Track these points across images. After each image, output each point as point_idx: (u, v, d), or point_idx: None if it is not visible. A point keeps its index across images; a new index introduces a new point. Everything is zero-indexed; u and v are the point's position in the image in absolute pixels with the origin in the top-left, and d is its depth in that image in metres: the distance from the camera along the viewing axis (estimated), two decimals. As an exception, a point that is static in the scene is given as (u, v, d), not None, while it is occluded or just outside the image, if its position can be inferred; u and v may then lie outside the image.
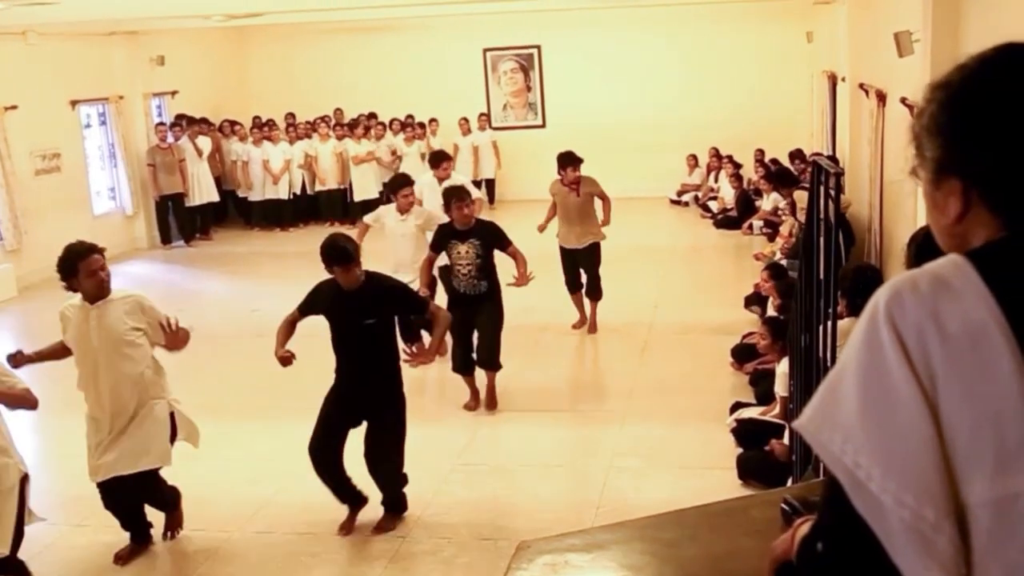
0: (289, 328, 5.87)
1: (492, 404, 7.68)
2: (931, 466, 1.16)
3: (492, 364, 7.60)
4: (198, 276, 13.54)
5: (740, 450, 6.35)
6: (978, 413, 1.16)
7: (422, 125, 16.97)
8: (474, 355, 7.64)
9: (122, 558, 5.57)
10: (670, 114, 17.00)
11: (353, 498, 5.81)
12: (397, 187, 8.58)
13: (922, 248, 3.73)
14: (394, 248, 8.50)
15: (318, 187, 16.66)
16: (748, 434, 6.42)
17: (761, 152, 15.61)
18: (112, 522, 5.67)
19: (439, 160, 9.38)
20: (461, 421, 7.37)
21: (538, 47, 17.83)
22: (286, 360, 5.70)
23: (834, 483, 1.23)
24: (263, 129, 16.85)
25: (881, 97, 8.66)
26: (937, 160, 1.29)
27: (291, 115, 17.48)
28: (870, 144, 9.23)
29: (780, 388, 6.37)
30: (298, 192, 16.73)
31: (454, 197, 7.33)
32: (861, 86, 10.00)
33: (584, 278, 9.36)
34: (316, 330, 6.09)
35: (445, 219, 7.65)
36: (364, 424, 5.73)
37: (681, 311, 10.15)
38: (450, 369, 7.76)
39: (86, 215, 14.51)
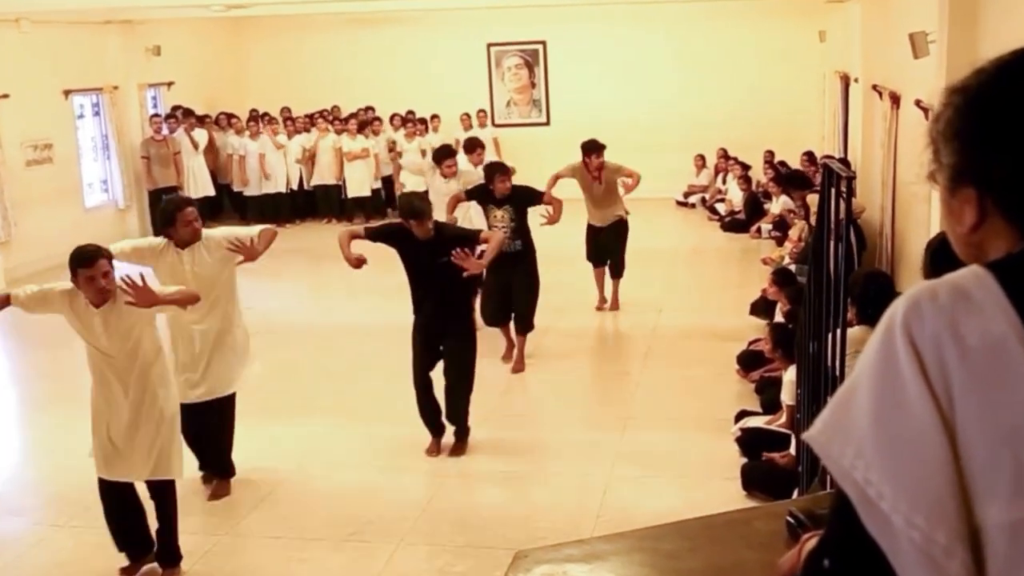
0: (349, 238, 6.72)
1: (519, 367, 8.56)
2: (945, 487, 1.14)
3: (525, 327, 8.61)
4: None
5: (744, 460, 6.34)
6: (996, 431, 1.14)
7: (423, 121, 16.97)
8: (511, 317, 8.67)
9: (213, 493, 6.28)
10: (677, 113, 17.01)
11: (438, 428, 6.90)
12: (442, 158, 9.70)
13: (937, 255, 3.71)
14: (437, 208, 9.08)
15: (316, 182, 16.67)
16: (753, 443, 6.41)
17: (771, 154, 15.60)
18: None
19: (472, 147, 10.42)
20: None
21: (543, 42, 17.84)
22: (360, 262, 6.52)
23: (843, 498, 1.22)
24: (260, 122, 16.85)
25: (895, 99, 8.66)
26: (953, 167, 1.28)
27: (286, 109, 17.46)
28: (883, 147, 9.23)
29: (787, 397, 6.36)
30: (295, 188, 16.75)
31: (497, 172, 8.47)
32: (874, 87, 10.00)
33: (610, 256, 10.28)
34: (313, 337, 6.07)
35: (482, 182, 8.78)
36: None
37: (686, 316, 10.14)
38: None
39: (77, 207, 14.52)
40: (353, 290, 11.94)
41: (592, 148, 9.91)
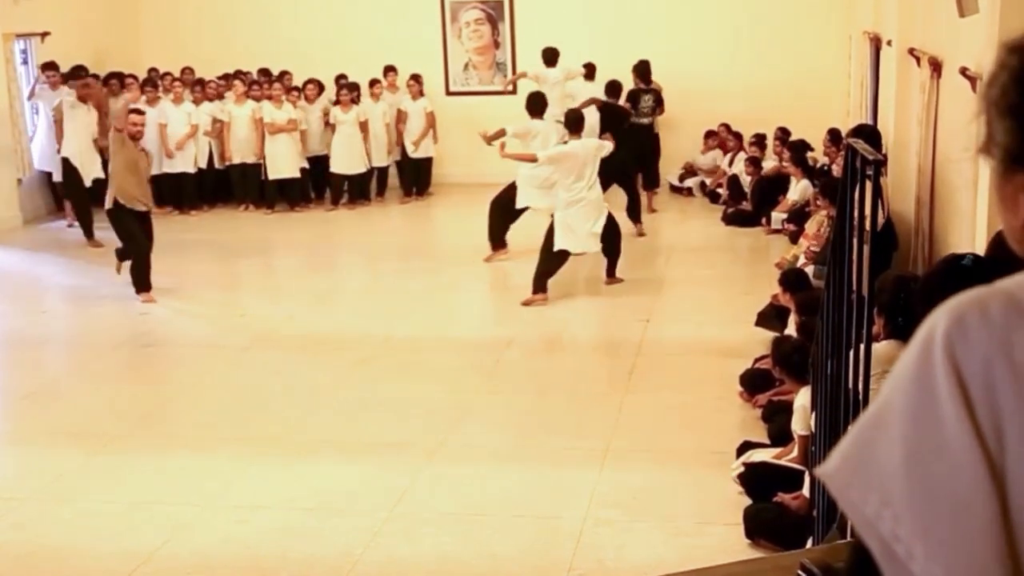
0: None
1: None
2: (989, 550, 1.12)
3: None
4: (70, 268, 13.40)
5: (748, 502, 6.36)
6: None
7: (355, 87, 16.90)
8: None
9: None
10: (672, 81, 17.03)
11: None
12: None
13: (1004, 246, 3.72)
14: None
15: (232, 159, 16.56)
16: (759, 482, 6.44)
17: (784, 131, 15.70)
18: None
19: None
20: (401, 457, 7.33)
21: (510, -8, 17.88)
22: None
23: (864, 552, 1.20)
24: (161, 85, 16.69)
25: (936, 67, 8.72)
26: (1006, 148, 1.26)
27: (189, 69, 17.29)
28: (920, 125, 9.29)
29: (799, 425, 6.40)
30: (204, 166, 16.67)
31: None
32: (911, 52, 10.08)
33: None
34: (220, 349, 6.02)
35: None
36: None
37: (678, 327, 10.18)
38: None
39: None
40: (271, 293, 11.89)
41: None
